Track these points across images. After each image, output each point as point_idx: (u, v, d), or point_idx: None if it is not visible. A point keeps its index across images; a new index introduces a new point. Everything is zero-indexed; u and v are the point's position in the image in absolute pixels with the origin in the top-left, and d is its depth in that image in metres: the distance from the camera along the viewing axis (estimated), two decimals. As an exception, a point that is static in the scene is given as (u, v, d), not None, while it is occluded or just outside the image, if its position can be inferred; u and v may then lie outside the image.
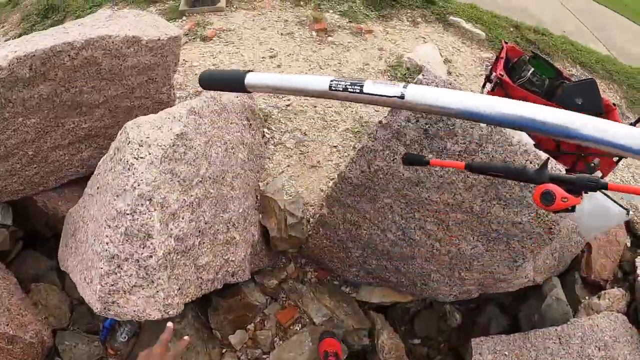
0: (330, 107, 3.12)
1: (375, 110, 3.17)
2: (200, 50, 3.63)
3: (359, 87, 0.75)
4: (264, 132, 2.86)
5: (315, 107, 3.11)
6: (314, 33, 3.94)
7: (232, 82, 0.93)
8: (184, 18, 4.19)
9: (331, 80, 0.78)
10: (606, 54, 5.88)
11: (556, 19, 6.61)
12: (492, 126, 1.86)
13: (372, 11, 4.43)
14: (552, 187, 1.36)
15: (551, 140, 2.71)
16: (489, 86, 3.23)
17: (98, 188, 2.03)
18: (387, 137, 1.99)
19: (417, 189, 2.11)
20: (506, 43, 3.11)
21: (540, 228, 2.12)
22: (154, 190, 1.78)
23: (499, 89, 2.75)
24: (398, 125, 1.92)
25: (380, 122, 1.97)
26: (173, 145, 1.89)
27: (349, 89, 0.76)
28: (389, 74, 3.58)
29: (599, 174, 2.81)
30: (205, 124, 2.13)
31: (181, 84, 3.27)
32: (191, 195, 2.01)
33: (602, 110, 2.84)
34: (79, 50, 2.16)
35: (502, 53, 3.01)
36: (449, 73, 3.85)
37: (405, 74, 3.58)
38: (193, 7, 4.25)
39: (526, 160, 1.93)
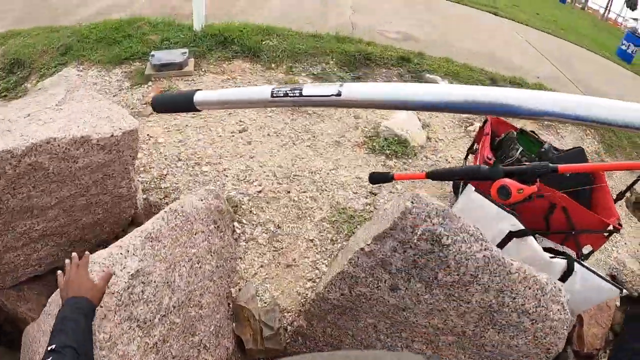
0: (304, 193, 2.93)
1: (354, 193, 2.99)
2: (166, 124, 3.42)
3: (298, 91, 0.77)
4: (234, 226, 2.65)
5: (289, 192, 2.91)
6: (286, 101, 3.77)
7: (183, 102, 0.95)
8: (150, 83, 3.98)
9: (272, 89, 0.80)
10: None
11: (528, 62, 6.58)
12: (489, 257, 1.70)
13: (346, 72, 4.29)
14: (507, 181, 1.30)
15: (541, 220, 2.60)
16: (471, 157, 3.10)
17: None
18: (370, 264, 1.80)
19: (404, 314, 1.92)
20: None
21: (538, 349, 1.95)
22: (109, 349, 1.55)
23: (485, 173, 2.61)
24: (383, 255, 1.74)
25: (362, 249, 1.78)
26: (128, 288, 1.67)
27: (290, 94, 0.78)
28: (366, 146, 3.41)
29: (589, 247, 2.68)
30: (165, 246, 1.91)
31: (145, 165, 3.05)
32: (154, 336, 1.78)
33: (590, 181, 2.74)
34: (21, 158, 1.96)
35: (486, 127, 2.87)
36: (428, 139, 3.71)
37: (383, 146, 3.42)
38: (159, 71, 4.04)
39: (526, 287, 1.77)
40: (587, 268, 2.40)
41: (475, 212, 2.27)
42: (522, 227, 2.28)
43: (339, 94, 0.73)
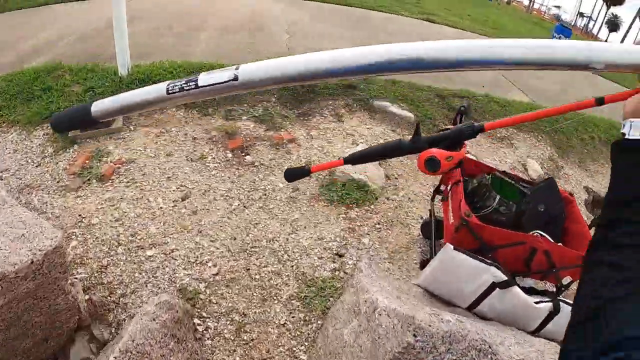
0: (265, 267, 2.65)
1: (319, 258, 2.74)
2: (98, 198, 3.04)
3: (193, 83, 0.75)
4: (194, 324, 2.34)
5: (248, 270, 2.62)
6: (229, 154, 3.45)
7: (81, 116, 0.93)
8: (75, 146, 3.56)
9: (167, 84, 0.78)
10: (527, 101, 5.84)
11: (471, 72, 6.53)
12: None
13: (290, 110, 4.00)
14: (434, 151, 1.32)
15: (520, 261, 2.46)
16: (438, 197, 2.90)
17: None
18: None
19: None
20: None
21: None
22: None
23: (464, 229, 2.39)
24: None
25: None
26: None
27: (185, 88, 0.76)
28: (324, 198, 3.16)
29: (569, 278, 2.57)
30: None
31: (82, 257, 2.67)
32: None
33: (563, 211, 2.62)
34: None
35: (456, 174, 2.65)
36: (387, 177, 3.50)
37: (341, 195, 3.18)
38: (84, 131, 3.63)
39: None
40: (570, 304, 2.33)
41: (454, 269, 2.16)
42: (505, 278, 2.17)
43: (235, 78, 0.72)
